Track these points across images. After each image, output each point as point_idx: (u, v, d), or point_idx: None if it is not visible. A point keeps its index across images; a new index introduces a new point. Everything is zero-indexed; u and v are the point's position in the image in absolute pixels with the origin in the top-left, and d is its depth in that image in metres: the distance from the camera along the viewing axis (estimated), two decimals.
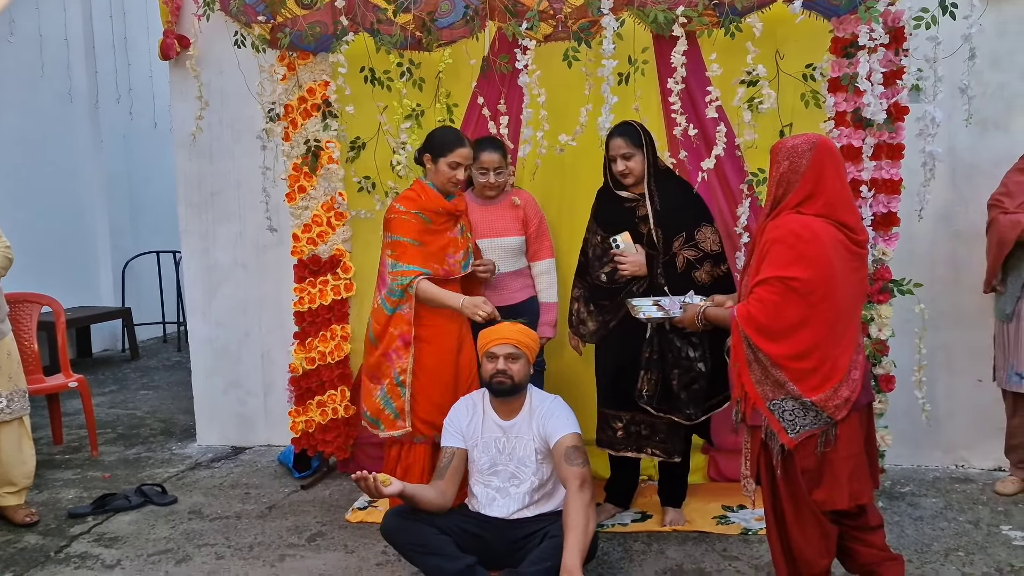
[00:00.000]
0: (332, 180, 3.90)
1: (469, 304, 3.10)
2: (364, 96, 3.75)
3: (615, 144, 3.18)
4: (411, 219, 3.23)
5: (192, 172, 4.52)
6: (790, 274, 2.32)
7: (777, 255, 2.35)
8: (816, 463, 2.41)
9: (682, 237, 3.15)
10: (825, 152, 2.40)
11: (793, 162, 2.40)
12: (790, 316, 2.34)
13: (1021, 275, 3.50)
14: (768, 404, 2.39)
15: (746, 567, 3.01)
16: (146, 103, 7.75)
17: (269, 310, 4.48)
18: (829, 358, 2.36)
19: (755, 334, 2.37)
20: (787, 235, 2.36)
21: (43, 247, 6.66)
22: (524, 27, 3.40)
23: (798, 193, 2.39)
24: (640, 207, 3.21)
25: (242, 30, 3.84)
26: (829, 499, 2.43)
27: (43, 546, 3.38)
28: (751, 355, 2.39)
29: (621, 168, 3.17)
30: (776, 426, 2.39)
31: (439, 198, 3.28)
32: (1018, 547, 3.11)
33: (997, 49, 3.71)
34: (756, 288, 2.38)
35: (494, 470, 2.92)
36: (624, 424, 3.26)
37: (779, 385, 2.37)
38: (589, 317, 3.34)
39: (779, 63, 3.45)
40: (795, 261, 2.32)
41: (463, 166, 3.23)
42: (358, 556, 3.20)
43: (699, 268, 3.13)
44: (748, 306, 2.39)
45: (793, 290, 2.32)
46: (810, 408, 2.36)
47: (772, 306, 2.34)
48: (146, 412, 5.51)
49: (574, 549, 2.58)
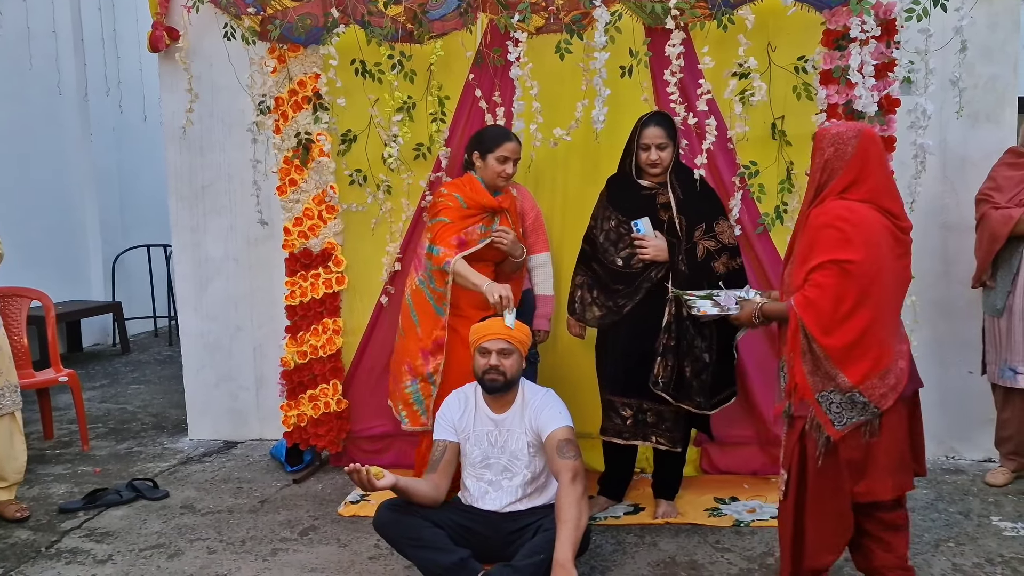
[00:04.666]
0: (323, 173, 3.89)
1: (493, 289, 3.06)
2: (355, 89, 3.73)
3: (652, 133, 3.15)
4: (450, 200, 3.29)
5: (182, 165, 4.50)
6: (844, 256, 2.30)
7: (827, 240, 2.33)
8: (861, 454, 2.39)
9: (702, 227, 3.18)
10: (870, 140, 2.39)
11: (839, 148, 2.39)
12: (847, 299, 2.31)
13: (1012, 270, 3.51)
14: (816, 396, 2.37)
15: (738, 558, 3.02)
16: (136, 96, 7.70)
17: (260, 304, 4.47)
18: (878, 343, 2.35)
19: (813, 321, 2.33)
20: (835, 219, 2.34)
21: (32, 241, 6.62)
22: (516, 19, 3.39)
23: (842, 179, 2.38)
24: (660, 195, 3.21)
25: (232, 22, 3.82)
26: (871, 491, 2.42)
27: (34, 541, 3.36)
28: (805, 345, 2.36)
29: (655, 158, 3.15)
30: (823, 418, 2.37)
31: (485, 193, 3.31)
32: (1008, 537, 3.13)
33: (988, 41, 3.72)
34: (812, 274, 2.35)
35: (486, 463, 2.92)
36: (633, 412, 3.24)
37: (829, 377, 2.35)
38: (593, 303, 3.31)
39: (771, 55, 3.45)
40: (846, 244, 2.31)
41: (512, 160, 3.28)
42: (351, 550, 3.20)
43: (717, 259, 3.15)
44: (806, 293, 2.36)
45: (848, 272, 2.30)
46: (857, 401, 2.35)
47: (830, 289, 2.31)
48: (137, 407, 5.49)
49: (566, 542, 2.58)
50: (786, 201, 3.58)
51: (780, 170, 3.58)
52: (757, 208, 3.62)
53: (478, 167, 3.33)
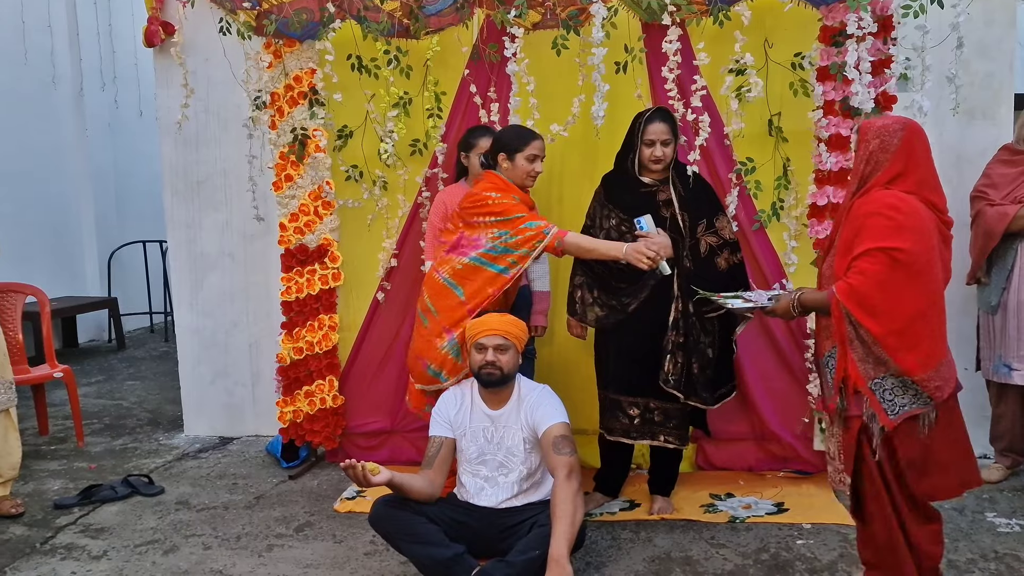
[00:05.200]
0: (319, 169, 3.88)
1: (634, 249, 2.98)
2: (351, 84, 3.72)
3: (657, 129, 3.14)
4: (508, 198, 3.12)
5: (178, 161, 4.48)
6: (893, 244, 2.25)
7: (876, 227, 2.29)
8: (920, 452, 2.34)
9: (704, 223, 3.19)
10: (915, 133, 2.37)
11: (884, 141, 2.36)
12: (894, 288, 2.26)
13: (1006, 266, 3.52)
14: (869, 384, 2.32)
15: (733, 554, 3.03)
16: (131, 91, 7.68)
17: (256, 300, 4.46)
18: (930, 335, 2.30)
19: (857, 308, 2.28)
20: (884, 208, 2.30)
21: (27, 237, 6.61)
22: (512, 15, 3.38)
23: (888, 171, 2.35)
24: (660, 192, 3.20)
25: (227, 17, 3.81)
26: (934, 489, 2.38)
27: (29, 537, 3.36)
28: (852, 333, 2.32)
29: (659, 154, 3.14)
30: (876, 407, 2.33)
31: (520, 191, 3.21)
32: (1002, 533, 3.14)
33: (985, 38, 3.72)
34: (856, 261, 2.30)
35: (482, 459, 2.92)
36: (640, 411, 3.23)
37: (881, 363, 2.30)
38: (595, 303, 3.28)
39: (768, 52, 3.45)
40: (896, 232, 2.26)
41: (540, 158, 3.19)
42: (346, 546, 3.20)
43: (719, 255, 3.17)
44: (849, 280, 2.30)
45: (897, 261, 2.26)
46: (910, 386, 2.30)
47: (874, 277, 2.26)
48: (133, 402, 5.48)
49: (561, 538, 2.58)
50: (782, 198, 3.59)
51: (776, 167, 3.58)
52: (753, 205, 3.61)
53: (504, 168, 3.18)
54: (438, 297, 3.19)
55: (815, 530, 3.21)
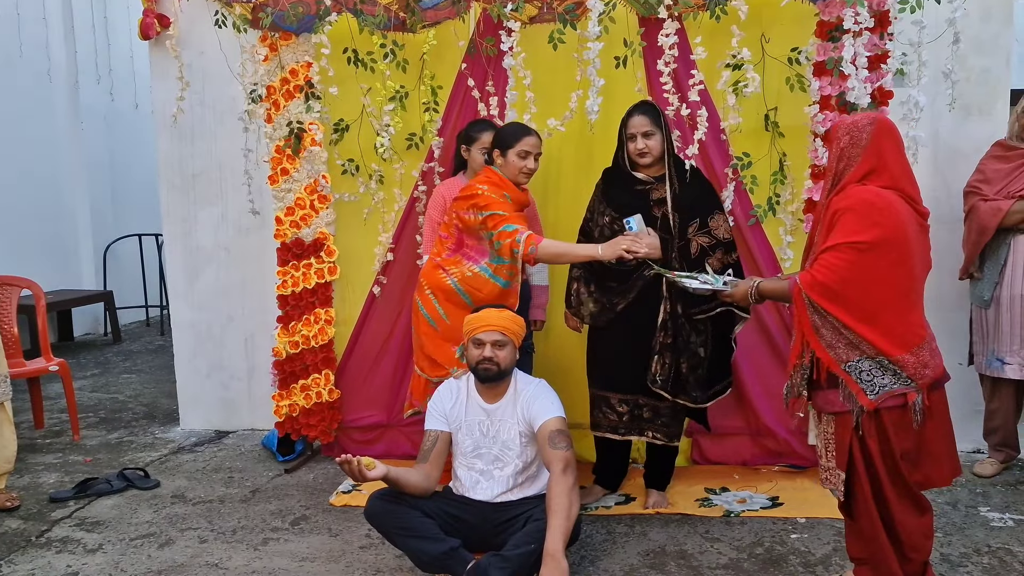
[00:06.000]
0: (315, 162, 3.87)
1: (612, 247, 2.95)
2: (348, 78, 3.71)
3: (636, 122, 3.14)
4: (498, 196, 3.14)
5: (173, 154, 4.47)
6: (859, 239, 2.27)
7: (848, 223, 2.30)
8: (915, 443, 2.36)
9: (696, 223, 3.15)
10: (884, 127, 2.39)
11: (854, 136, 2.37)
12: (860, 280, 2.28)
13: (999, 261, 3.53)
14: (844, 367, 2.33)
15: (727, 548, 3.04)
16: (127, 84, 7.66)
17: (252, 294, 4.46)
18: (903, 323, 2.32)
19: (821, 298, 2.31)
20: (859, 204, 2.31)
21: (23, 230, 6.59)
22: (509, 8, 3.38)
23: (860, 167, 2.36)
24: (655, 190, 3.18)
25: (223, 9, 3.80)
26: (927, 479, 2.39)
27: (24, 530, 3.36)
28: (817, 320, 2.33)
29: (641, 147, 3.12)
30: (854, 387, 2.33)
31: (514, 188, 3.22)
32: (996, 528, 3.15)
33: (981, 34, 3.72)
34: (822, 255, 2.33)
35: (478, 453, 2.92)
36: (629, 408, 3.23)
37: (853, 346, 2.31)
38: (589, 298, 3.28)
39: (764, 46, 3.45)
40: (867, 228, 2.28)
41: (533, 154, 3.19)
42: (342, 539, 3.21)
43: (712, 255, 3.13)
44: (812, 272, 2.33)
45: (861, 253, 2.27)
46: (888, 366, 2.31)
47: (838, 271, 2.29)
48: (128, 396, 5.48)
49: (557, 532, 2.59)
50: (779, 193, 3.59)
51: (773, 162, 3.58)
52: (750, 200, 3.62)
53: (499, 164, 3.20)
54: (449, 302, 3.23)
55: (809, 524, 3.22)
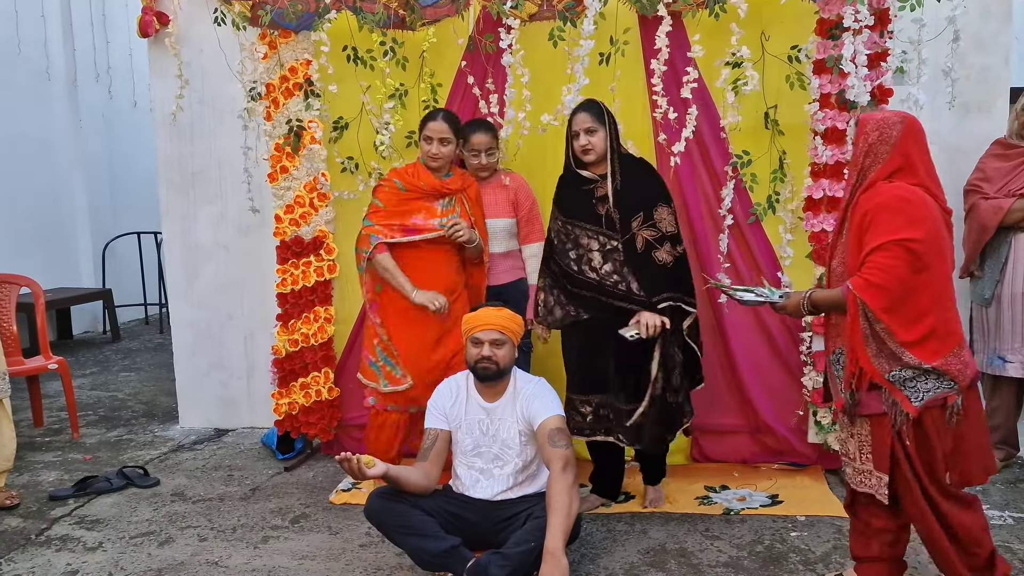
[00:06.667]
0: (315, 160, 3.87)
1: (420, 297, 3.27)
2: (347, 75, 3.71)
3: (579, 119, 3.13)
4: (388, 185, 3.40)
5: (172, 152, 4.47)
6: (906, 236, 2.24)
7: (887, 220, 2.27)
8: (954, 442, 2.33)
9: (640, 217, 3.09)
10: (914, 127, 2.37)
11: (884, 133, 2.35)
12: (912, 278, 2.26)
13: (1000, 260, 3.53)
14: (887, 376, 2.31)
15: (727, 546, 3.04)
16: (125, 82, 7.65)
17: (252, 292, 4.45)
18: (944, 321, 2.31)
19: (875, 302, 2.26)
20: (893, 200, 2.29)
21: (22, 228, 6.59)
22: (508, 6, 3.38)
23: (888, 164, 2.34)
24: (599, 188, 3.14)
25: (222, 7, 3.80)
26: (964, 477, 2.38)
27: (24, 529, 3.36)
28: (868, 328, 2.30)
29: (584, 143, 3.10)
30: (898, 395, 2.31)
31: (426, 174, 3.36)
32: (995, 526, 3.15)
33: (981, 32, 3.72)
34: (871, 256, 2.28)
35: (478, 452, 2.92)
36: (593, 408, 3.19)
37: (896, 357, 2.29)
38: (557, 304, 3.24)
39: (764, 44, 3.44)
40: (908, 224, 2.26)
41: (435, 140, 3.31)
42: (342, 538, 3.20)
43: (659, 248, 3.08)
44: (865, 275, 2.28)
45: (912, 252, 2.25)
46: (930, 373, 2.29)
47: (892, 270, 2.25)
48: (128, 394, 5.47)
49: (557, 531, 2.59)
50: (778, 191, 3.59)
51: (773, 160, 3.58)
52: (749, 198, 3.61)
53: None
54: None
55: (809, 522, 3.22)
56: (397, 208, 3.36)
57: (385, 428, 3.47)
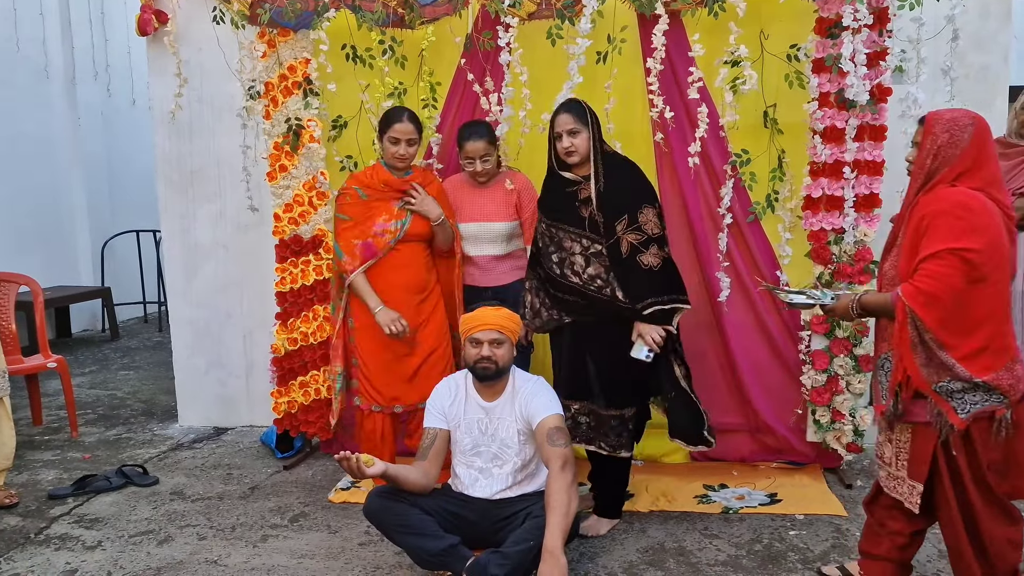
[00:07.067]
0: (314, 159, 3.86)
1: (384, 317, 3.32)
2: (346, 74, 3.71)
3: (561, 120, 3.02)
4: (348, 193, 3.43)
5: (171, 150, 4.47)
6: (963, 245, 2.16)
7: (945, 227, 2.19)
8: (1002, 454, 2.27)
9: (624, 220, 2.99)
10: (985, 129, 2.30)
11: (954, 135, 2.26)
12: (965, 289, 2.18)
13: None
14: (934, 387, 2.25)
15: (726, 545, 3.04)
16: (124, 80, 7.64)
17: (251, 290, 4.45)
18: (1000, 335, 2.24)
19: (924, 311, 2.19)
20: (954, 207, 2.20)
21: (20, 226, 6.58)
22: (507, 4, 3.37)
23: (956, 167, 2.25)
24: (582, 189, 3.05)
25: (221, 6, 3.79)
26: (1015, 489, 2.31)
27: (23, 527, 3.36)
28: (916, 337, 2.22)
29: (567, 144, 3.00)
30: (945, 406, 2.24)
31: (387, 175, 3.41)
32: None
33: (980, 31, 3.72)
34: (924, 263, 2.21)
35: (476, 451, 2.92)
36: (572, 414, 3.10)
37: (945, 368, 2.22)
38: (543, 308, 3.18)
39: (763, 43, 3.44)
40: (967, 232, 2.17)
41: (402, 141, 3.34)
42: (341, 536, 3.21)
43: (644, 252, 2.98)
44: (916, 282, 2.21)
45: (967, 262, 2.16)
46: (980, 387, 2.22)
47: (944, 280, 2.17)
48: (127, 393, 5.47)
49: (556, 529, 2.59)
50: (777, 190, 3.59)
51: (771, 158, 3.58)
52: (748, 197, 3.61)
53: (379, 150, 3.47)
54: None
55: (808, 521, 3.23)
56: (363, 217, 3.40)
57: (373, 428, 3.50)
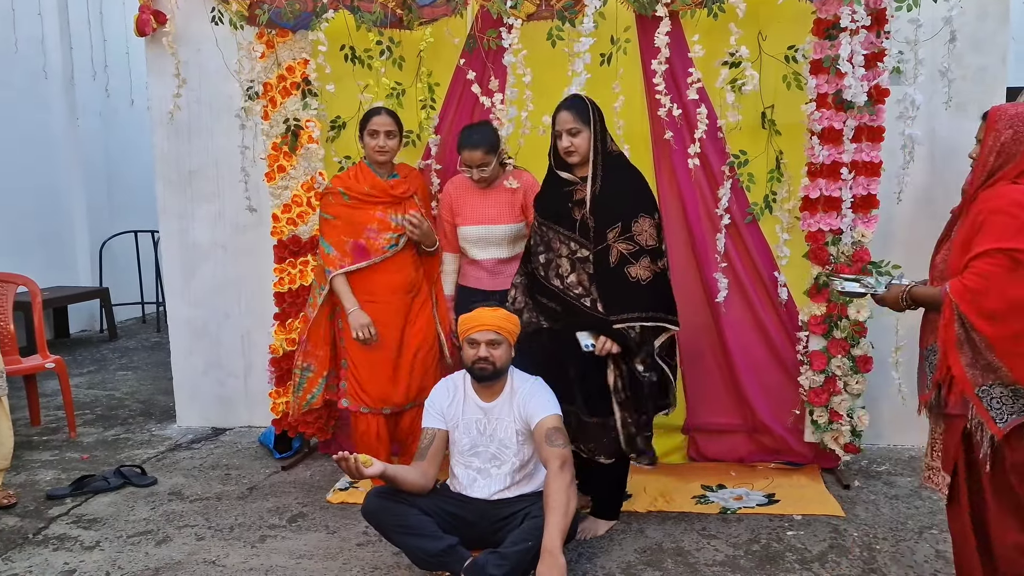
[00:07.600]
0: (312, 160, 3.86)
1: (355, 320, 3.40)
2: (345, 75, 3.71)
3: (561, 118, 2.96)
4: (332, 194, 3.48)
5: (170, 151, 4.46)
6: (1015, 245, 2.12)
7: (999, 226, 2.15)
8: None
9: (617, 228, 2.90)
10: None
11: (1017, 131, 2.21)
12: (1014, 292, 2.13)
13: None
14: (977, 391, 2.19)
15: (724, 545, 3.05)
16: (123, 80, 7.62)
17: (249, 291, 4.45)
18: None
19: (971, 310, 2.14)
20: (1011, 205, 2.16)
21: (19, 226, 6.57)
22: (508, 5, 3.37)
23: (1020, 163, 2.20)
24: (578, 191, 2.99)
25: (219, 6, 3.79)
26: None
27: (21, 528, 3.36)
28: (963, 335, 2.18)
29: (566, 144, 2.93)
30: (984, 415, 2.20)
31: (371, 176, 3.44)
32: None
33: (978, 32, 3.72)
34: (974, 261, 2.17)
35: (475, 451, 2.92)
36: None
37: (991, 369, 2.17)
38: (525, 309, 3.12)
39: (761, 44, 3.45)
40: (1020, 232, 2.13)
41: (381, 132, 3.38)
42: (339, 537, 3.21)
43: (634, 263, 2.87)
44: (965, 280, 2.17)
45: (1017, 262, 2.12)
46: (1021, 394, 2.18)
47: (994, 280, 2.13)
48: (125, 393, 5.47)
49: (554, 529, 2.60)
50: (775, 190, 3.59)
51: (769, 159, 3.59)
52: (746, 197, 3.62)
53: (362, 148, 3.48)
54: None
55: (805, 521, 3.23)
56: (350, 219, 3.42)
57: (367, 429, 3.53)
